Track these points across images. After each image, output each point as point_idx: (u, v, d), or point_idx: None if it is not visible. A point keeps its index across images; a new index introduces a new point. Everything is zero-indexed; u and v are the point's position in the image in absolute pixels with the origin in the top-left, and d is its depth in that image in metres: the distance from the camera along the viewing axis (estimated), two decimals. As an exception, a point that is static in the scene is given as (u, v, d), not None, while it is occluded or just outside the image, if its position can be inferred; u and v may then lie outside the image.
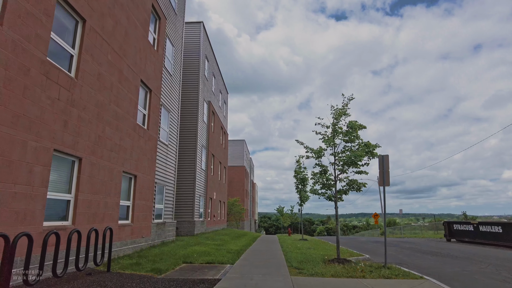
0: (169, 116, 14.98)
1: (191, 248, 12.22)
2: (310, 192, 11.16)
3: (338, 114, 10.32)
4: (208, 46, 24.27)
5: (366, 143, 10.10)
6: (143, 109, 11.82)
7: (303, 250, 14.11)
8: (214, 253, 11.32)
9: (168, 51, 15.18)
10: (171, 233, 14.72)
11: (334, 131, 10.46)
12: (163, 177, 14.00)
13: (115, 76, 9.45)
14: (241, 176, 51.41)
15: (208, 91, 23.78)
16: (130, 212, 10.66)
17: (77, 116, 7.51)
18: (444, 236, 24.24)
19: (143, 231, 11.51)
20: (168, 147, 14.67)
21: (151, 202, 12.19)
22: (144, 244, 11.61)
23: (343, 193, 10.73)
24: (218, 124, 27.76)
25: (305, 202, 22.35)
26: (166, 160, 14.44)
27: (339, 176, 10.63)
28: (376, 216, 43.74)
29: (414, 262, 11.56)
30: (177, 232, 18.63)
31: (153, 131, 12.47)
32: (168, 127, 14.75)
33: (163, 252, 10.91)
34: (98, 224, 8.32)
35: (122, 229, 9.87)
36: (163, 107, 14.07)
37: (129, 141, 10.34)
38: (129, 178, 10.70)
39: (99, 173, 8.50)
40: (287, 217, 41.18)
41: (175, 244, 13.41)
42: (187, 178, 19.58)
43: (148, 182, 11.95)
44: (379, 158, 9.80)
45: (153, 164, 12.52)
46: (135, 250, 10.78)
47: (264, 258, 10.97)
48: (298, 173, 22.15)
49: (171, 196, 14.99)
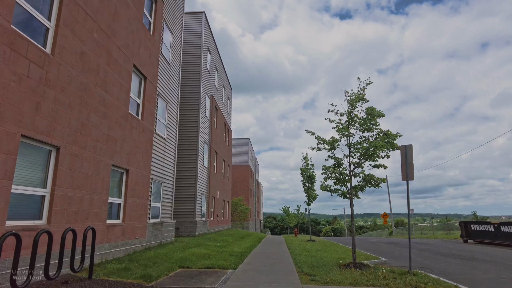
0: (167, 108, 13.93)
1: (190, 250, 11.14)
2: (321, 189, 10.00)
3: (354, 100, 9.15)
4: (211, 38, 23.23)
5: (386, 133, 8.92)
6: (136, 97, 10.78)
7: (312, 252, 12.96)
8: (215, 256, 10.23)
9: (166, 39, 14.14)
10: (169, 233, 13.67)
11: (349, 119, 9.30)
12: (161, 173, 12.96)
13: (102, 57, 8.41)
14: (246, 175, 50.32)
15: (210, 85, 22.73)
16: (122, 211, 9.61)
17: (53, 98, 6.47)
18: (461, 236, 22.88)
19: (137, 231, 10.46)
20: (166, 141, 13.62)
21: (146, 200, 11.14)
22: (138, 246, 10.56)
23: (359, 189, 9.57)
24: (221, 120, 26.70)
25: (312, 201, 21.16)
26: (164, 155, 13.39)
27: (354, 171, 9.47)
28: (385, 216, 42.39)
29: (438, 266, 10.35)
30: (178, 232, 17.59)
31: (148, 122, 11.43)
32: (166, 119, 13.71)
33: (159, 254, 9.85)
34: (80, 223, 7.27)
35: (112, 229, 8.82)
36: (160, 97, 13.03)
37: (119, 131, 9.29)
38: (120, 172, 9.65)
39: (83, 166, 7.46)
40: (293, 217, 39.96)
41: (173, 245, 12.34)
42: (188, 176, 18.53)
43: (143, 178, 10.90)
44: (401, 149, 8.62)
45: (149, 159, 11.48)
46: (127, 252, 9.73)
47: (270, 262, 9.85)
48: (305, 170, 20.97)
49: (169, 194, 13.93)
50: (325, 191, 10.00)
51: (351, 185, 9.41)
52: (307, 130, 9.77)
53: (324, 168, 9.90)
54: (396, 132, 8.99)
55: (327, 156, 9.60)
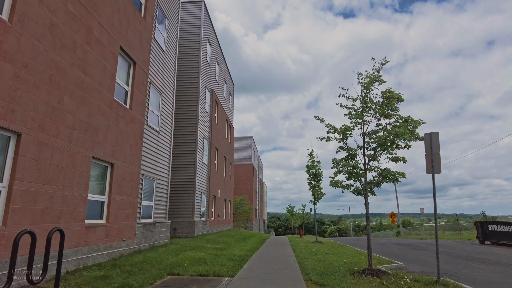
0: (162, 99, 12.84)
1: (184, 254, 10.03)
2: (331, 185, 8.83)
3: (369, 82, 7.96)
4: (211, 29, 22.13)
5: (407, 119, 7.72)
6: (124, 84, 9.69)
7: (320, 255, 11.79)
8: (211, 261, 9.10)
9: (160, 24, 13.06)
10: (163, 235, 12.57)
11: (363, 104, 8.11)
12: (153, 169, 11.87)
13: (80, 34, 7.32)
14: (249, 174, 49.19)
15: (210, 78, 21.63)
16: (105, 210, 8.52)
17: (11, 74, 5.39)
18: (477, 238, 21.53)
19: (124, 233, 9.38)
20: (160, 134, 12.52)
21: (135, 198, 10.05)
22: (126, 249, 9.47)
23: (375, 185, 8.38)
24: (223, 116, 25.60)
25: (319, 200, 19.94)
26: (158, 149, 12.30)
27: (369, 164, 8.29)
28: (393, 216, 41.07)
29: (464, 273, 9.13)
30: (175, 233, 16.51)
31: (138, 112, 10.34)
32: (159, 111, 12.62)
33: (148, 259, 8.75)
34: (50, 224, 6.19)
35: (92, 230, 7.73)
36: (152, 86, 11.94)
37: (102, 120, 8.21)
38: (104, 167, 8.57)
39: (53, 157, 6.37)
40: (298, 217, 38.77)
41: (167, 248, 11.24)
42: (186, 173, 17.44)
43: (131, 174, 9.81)
44: (425, 137, 7.43)
45: (138, 152, 10.39)
46: (112, 257, 8.63)
47: (273, 267, 8.71)
48: (311, 167, 19.78)
49: (164, 192, 12.84)
50: (336, 187, 8.82)
51: (366, 180, 8.23)
52: (316, 117, 8.60)
53: (335, 161, 8.72)
54: (418, 118, 7.79)
55: (338, 147, 8.42)
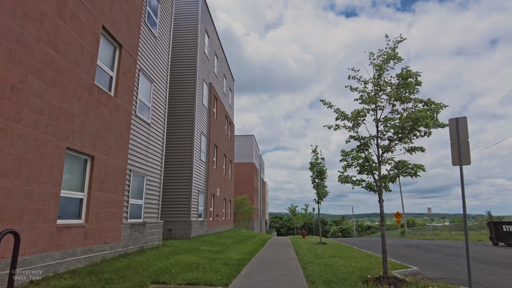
0: (153, 88, 11.84)
1: (176, 258, 9.01)
2: (340, 181, 7.79)
3: (384, 60, 6.90)
4: (209, 20, 21.12)
5: (427, 102, 6.67)
6: (108, 68, 8.69)
7: (325, 259, 10.75)
8: (205, 266, 8.09)
9: (151, 8, 12.06)
10: (155, 236, 11.56)
11: (376, 86, 7.06)
12: (143, 164, 10.87)
13: (49, 4, 6.33)
14: (251, 173, 48.15)
15: (209, 72, 20.62)
16: (84, 208, 7.52)
17: (-48, 41, 4.40)
18: (490, 239, 20.40)
19: (108, 234, 8.37)
20: (150, 127, 11.52)
21: (121, 196, 9.05)
22: (109, 253, 8.46)
23: (390, 180, 7.35)
24: (222, 112, 24.58)
25: (323, 199, 18.89)
26: (148, 143, 11.30)
27: (383, 156, 7.24)
28: (398, 215, 39.99)
29: (489, 279, 8.07)
30: (170, 234, 15.51)
31: (124, 101, 9.34)
32: (150, 101, 11.61)
33: (133, 264, 7.74)
34: (6, 225, 5.19)
35: (66, 232, 6.73)
36: (142, 73, 10.94)
37: (79, 106, 7.21)
38: (83, 159, 7.57)
39: (14, 145, 5.38)
40: (301, 217, 37.72)
41: (158, 251, 10.23)
42: (181, 170, 16.44)
43: (116, 168, 8.81)
44: (450, 123, 6.37)
45: (125, 145, 9.39)
46: (92, 261, 7.63)
47: (274, 273, 7.68)
48: (315, 165, 18.73)
49: (155, 190, 11.84)
50: (345, 183, 7.79)
51: (380, 175, 7.18)
52: (323, 101, 7.56)
53: (344, 153, 7.68)
54: (440, 102, 6.72)
55: (349, 137, 7.37)
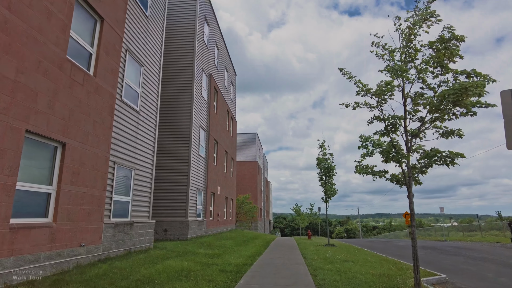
0: (143, 72, 10.62)
1: (164, 264, 7.76)
2: (358, 172, 6.51)
3: (416, 21, 5.59)
4: (209, 7, 19.91)
5: (473, 73, 5.35)
6: (85, 43, 7.48)
7: (337, 264, 9.45)
8: (197, 274, 6.83)
9: (142, -17, 10.85)
10: (145, 237, 10.32)
11: (404, 54, 5.76)
12: (131, 156, 9.65)
13: (2, -47, 5.12)
14: (254, 172, 46.88)
15: (208, 62, 19.40)
16: (52, 205, 6.30)
17: None
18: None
19: (84, 235, 7.14)
20: (140, 115, 10.30)
21: (102, 191, 7.82)
22: (86, 258, 7.23)
23: (420, 171, 6.04)
24: (223, 106, 23.35)
25: (331, 198, 17.57)
26: (137, 133, 10.07)
27: (412, 141, 5.95)
28: (407, 215, 38.59)
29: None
30: (166, 235, 14.29)
31: (106, 82, 8.12)
32: (140, 87, 10.39)
33: (112, 271, 6.51)
34: None
35: (25, 234, 5.51)
36: (130, 54, 9.72)
37: (45, 83, 6.00)
38: (50, 146, 6.35)
39: None
40: (306, 217, 36.39)
41: (146, 255, 8.98)
42: (178, 165, 15.21)
43: (95, 159, 7.58)
44: (503, 96, 5.05)
45: (107, 133, 8.16)
46: (62, 268, 6.41)
47: (279, 283, 6.40)
48: (322, 161, 17.44)
49: (146, 185, 10.61)
50: (364, 174, 6.50)
51: (409, 164, 5.88)
52: (341, 69, 6.27)
53: (363, 139, 6.39)
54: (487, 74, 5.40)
55: (371, 117, 6.08)
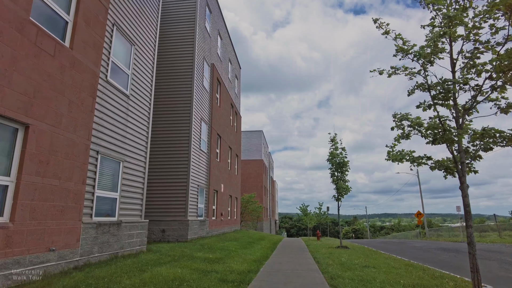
0: (134, 52, 9.40)
1: (154, 272, 6.50)
2: (390, 159, 5.20)
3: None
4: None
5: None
6: (59, 8, 6.26)
7: (357, 270, 8.12)
8: (191, 285, 5.57)
9: (133, -47, 9.64)
10: (136, 239, 9.08)
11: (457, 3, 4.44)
12: (119, 146, 8.42)
13: None
14: (259, 171, 45.59)
15: (211, 51, 18.16)
16: (9, 200, 5.09)
17: None
18: (540, 243, 17.42)
19: (55, 238, 5.92)
20: (130, 99, 9.07)
21: (80, 185, 6.60)
22: (57, 265, 6.00)
23: (475, 155, 4.70)
24: (227, 100, 22.10)
25: (343, 196, 16.19)
26: (126, 120, 8.85)
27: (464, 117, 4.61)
28: (419, 215, 37.08)
29: None
30: (164, 236, 13.08)
31: (86, 57, 6.90)
32: (131, 68, 9.17)
33: (84, 282, 5.27)
34: None
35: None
36: (118, 30, 8.51)
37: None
38: (10, 129, 5.14)
39: None
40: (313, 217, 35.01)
41: (135, 260, 7.73)
42: (177, 160, 13.99)
43: (71, 146, 6.36)
44: None
45: (88, 117, 6.93)
46: (21, 280, 5.19)
47: (293, 299, 5.11)
48: (334, 155, 16.08)
49: (137, 180, 9.38)
50: (398, 161, 5.17)
51: (462, 146, 4.54)
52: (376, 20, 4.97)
53: (399, 117, 5.07)
54: None
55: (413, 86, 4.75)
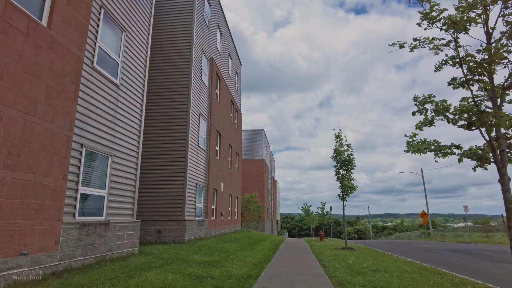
0: (125, 39, 8.70)
1: (142, 278, 5.79)
2: (411, 149, 4.47)
3: None
4: (210, -15, 17.99)
5: None
6: (34, -19, 5.58)
7: (368, 275, 7.40)
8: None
9: None
10: (126, 241, 8.37)
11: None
12: (106, 139, 7.72)
13: None
14: (260, 170, 44.84)
15: (210, 44, 17.47)
16: (-30, 197, 4.40)
17: None
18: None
19: (28, 240, 5.22)
20: (120, 89, 8.37)
21: (59, 180, 5.90)
22: (30, 271, 5.30)
23: None
24: (227, 96, 21.40)
25: (349, 195, 15.45)
26: (116, 111, 8.14)
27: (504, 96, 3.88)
28: (424, 215, 36.33)
29: None
30: (160, 237, 12.38)
31: (67, 39, 6.20)
32: (121, 56, 8.48)
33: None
34: None
35: None
36: (107, 14, 7.81)
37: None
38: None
39: None
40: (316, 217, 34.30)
41: (123, 264, 7.02)
42: (173, 157, 13.29)
43: (49, 137, 5.66)
44: None
45: (70, 105, 6.23)
46: (-12, 288, 4.50)
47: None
48: (339, 152, 15.34)
49: (128, 177, 8.68)
50: (420, 152, 4.44)
51: (500, 132, 3.81)
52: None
53: (421, 100, 4.34)
54: None
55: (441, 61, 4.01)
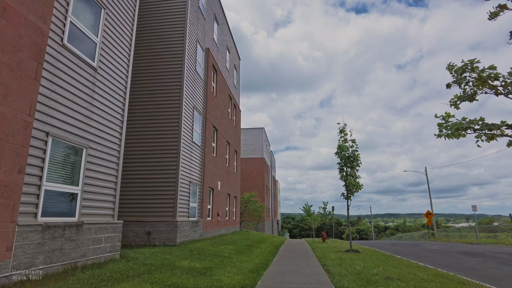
0: (105, 17, 7.73)
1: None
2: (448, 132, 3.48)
3: None
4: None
5: None
6: None
7: (381, 285, 6.43)
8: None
9: None
10: (105, 245, 7.40)
11: None
12: (80, 128, 6.75)
13: None
14: (261, 170, 43.85)
15: (205, 34, 16.50)
16: None
17: None
18: None
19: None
20: (97, 73, 7.40)
21: (14, 174, 4.93)
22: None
23: None
24: (224, 90, 20.43)
25: (353, 194, 14.46)
26: (92, 97, 7.17)
27: None
28: (429, 215, 35.34)
29: None
30: (149, 239, 11.42)
31: (25, 7, 5.23)
32: (99, 36, 7.51)
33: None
34: None
35: None
36: (80, -16, 6.84)
37: None
38: None
39: None
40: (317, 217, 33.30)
41: (96, 272, 6.04)
42: (163, 152, 12.33)
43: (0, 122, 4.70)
44: None
45: (29, 85, 5.25)
46: None
47: None
48: (343, 148, 14.37)
49: (109, 173, 7.71)
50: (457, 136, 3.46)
51: None
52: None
53: (460, 69, 3.36)
54: None
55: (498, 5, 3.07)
